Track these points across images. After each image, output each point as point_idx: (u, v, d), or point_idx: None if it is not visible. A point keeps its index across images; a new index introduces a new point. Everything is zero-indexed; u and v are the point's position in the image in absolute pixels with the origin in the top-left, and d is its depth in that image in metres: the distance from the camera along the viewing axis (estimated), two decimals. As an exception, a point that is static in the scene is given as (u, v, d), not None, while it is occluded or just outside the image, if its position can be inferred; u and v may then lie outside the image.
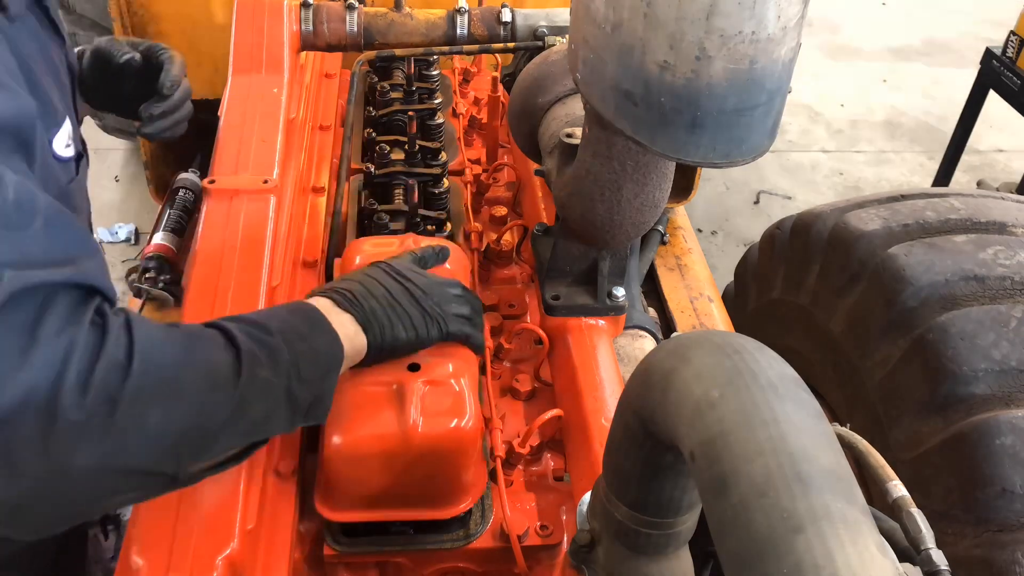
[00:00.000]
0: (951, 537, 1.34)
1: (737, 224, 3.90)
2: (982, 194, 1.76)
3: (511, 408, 1.38)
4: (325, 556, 1.15)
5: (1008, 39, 3.13)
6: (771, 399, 0.67)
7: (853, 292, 1.66)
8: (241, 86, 1.54)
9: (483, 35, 1.83)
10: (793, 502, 0.60)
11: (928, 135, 4.60)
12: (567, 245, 1.40)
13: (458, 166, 1.88)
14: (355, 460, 1.07)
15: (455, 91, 2.17)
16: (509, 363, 1.46)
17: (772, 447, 0.63)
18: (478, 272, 1.59)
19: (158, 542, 0.96)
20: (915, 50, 5.43)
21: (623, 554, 0.95)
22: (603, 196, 1.22)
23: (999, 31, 3.38)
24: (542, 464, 1.33)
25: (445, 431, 1.07)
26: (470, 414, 1.09)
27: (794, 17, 0.90)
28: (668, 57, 0.90)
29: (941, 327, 1.46)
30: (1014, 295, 1.48)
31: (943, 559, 0.80)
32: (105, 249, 3.42)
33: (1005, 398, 1.38)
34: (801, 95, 4.82)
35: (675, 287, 2.46)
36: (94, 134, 3.56)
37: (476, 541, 1.17)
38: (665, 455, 0.82)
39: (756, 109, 0.95)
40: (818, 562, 0.56)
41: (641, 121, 0.97)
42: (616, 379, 1.32)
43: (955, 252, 1.55)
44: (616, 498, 0.91)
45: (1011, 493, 1.30)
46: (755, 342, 0.75)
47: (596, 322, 1.42)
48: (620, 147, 1.15)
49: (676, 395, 0.73)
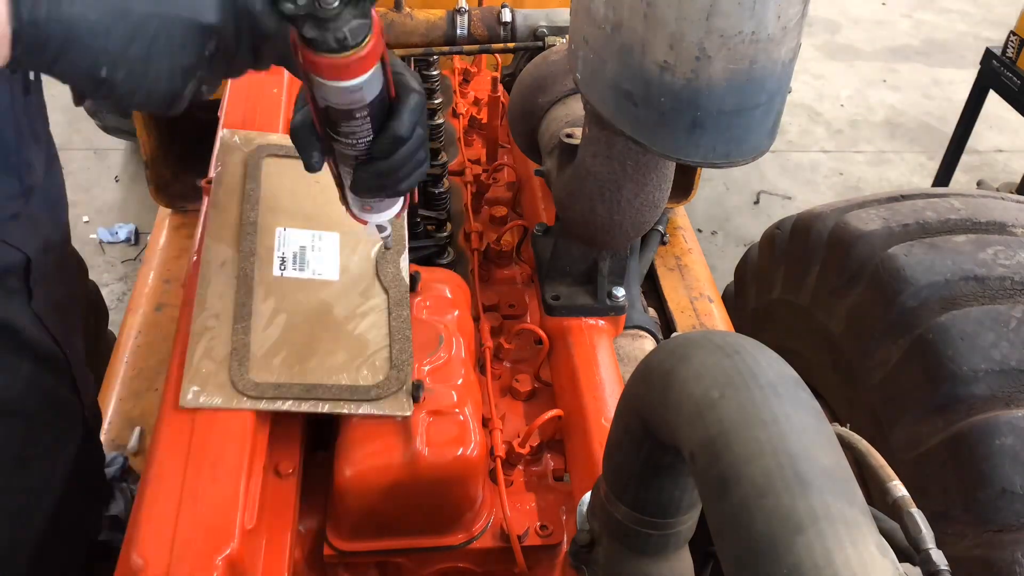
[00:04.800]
0: (951, 537, 1.34)
1: (737, 224, 3.90)
2: (982, 194, 1.75)
3: (511, 408, 1.38)
4: (325, 556, 1.15)
5: (1008, 39, 3.13)
6: (771, 399, 0.67)
7: (853, 292, 1.66)
8: (241, 86, 1.54)
9: (483, 35, 1.83)
10: (793, 502, 0.60)
11: (928, 135, 4.60)
12: (567, 245, 1.40)
13: (458, 166, 1.88)
14: (366, 491, 1.10)
15: (455, 91, 2.17)
16: (509, 363, 1.46)
17: (772, 447, 0.63)
18: (478, 272, 1.59)
19: (158, 542, 0.96)
20: (915, 50, 5.42)
21: (623, 554, 0.95)
22: (603, 196, 1.22)
23: (999, 31, 3.38)
24: (542, 464, 1.33)
25: (451, 459, 1.10)
26: (475, 442, 1.12)
27: (794, 17, 0.90)
28: (668, 57, 0.90)
29: (941, 327, 1.45)
30: (1014, 295, 1.47)
31: (943, 559, 0.80)
32: (105, 249, 3.42)
33: (1005, 398, 1.38)
34: (801, 95, 4.82)
35: (675, 287, 2.47)
36: (94, 134, 3.59)
37: (476, 541, 1.17)
38: (665, 455, 0.82)
39: (756, 109, 0.95)
40: (818, 562, 0.56)
41: (641, 121, 0.97)
42: (616, 379, 1.32)
43: (955, 252, 1.55)
44: (616, 498, 0.91)
45: (1011, 493, 1.30)
46: (755, 342, 0.75)
47: (596, 322, 1.42)
48: (620, 147, 1.15)
49: (676, 395, 0.73)
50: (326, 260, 1.22)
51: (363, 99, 0.84)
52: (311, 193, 1.28)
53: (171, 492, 0.99)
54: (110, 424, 2.00)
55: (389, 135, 0.88)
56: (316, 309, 1.17)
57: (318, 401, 1.09)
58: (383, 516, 1.13)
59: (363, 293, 1.20)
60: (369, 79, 0.82)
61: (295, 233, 1.23)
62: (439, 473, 1.10)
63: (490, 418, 1.28)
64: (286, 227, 1.23)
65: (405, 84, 0.89)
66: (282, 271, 1.19)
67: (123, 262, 3.41)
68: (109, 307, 2.30)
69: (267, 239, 1.21)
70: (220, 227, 1.21)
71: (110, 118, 3.22)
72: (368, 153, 0.90)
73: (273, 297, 1.16)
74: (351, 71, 0.80)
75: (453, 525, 1.17)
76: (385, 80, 0.86)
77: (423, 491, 1.11)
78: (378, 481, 1.09)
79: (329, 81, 0.80)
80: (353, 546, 1.15)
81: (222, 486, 1.01)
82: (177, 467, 1.01)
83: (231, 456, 1.03)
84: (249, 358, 1.09)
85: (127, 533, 0.98)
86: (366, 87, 0.83)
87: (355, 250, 1.24)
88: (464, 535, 1.17)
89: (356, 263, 1.23)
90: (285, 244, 1.21)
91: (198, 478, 1.00)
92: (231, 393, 1.07)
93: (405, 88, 0.89)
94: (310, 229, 1.24)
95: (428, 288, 1.31)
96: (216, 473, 1.01)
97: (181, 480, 1.00)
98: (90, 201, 3.66)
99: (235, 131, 1.34)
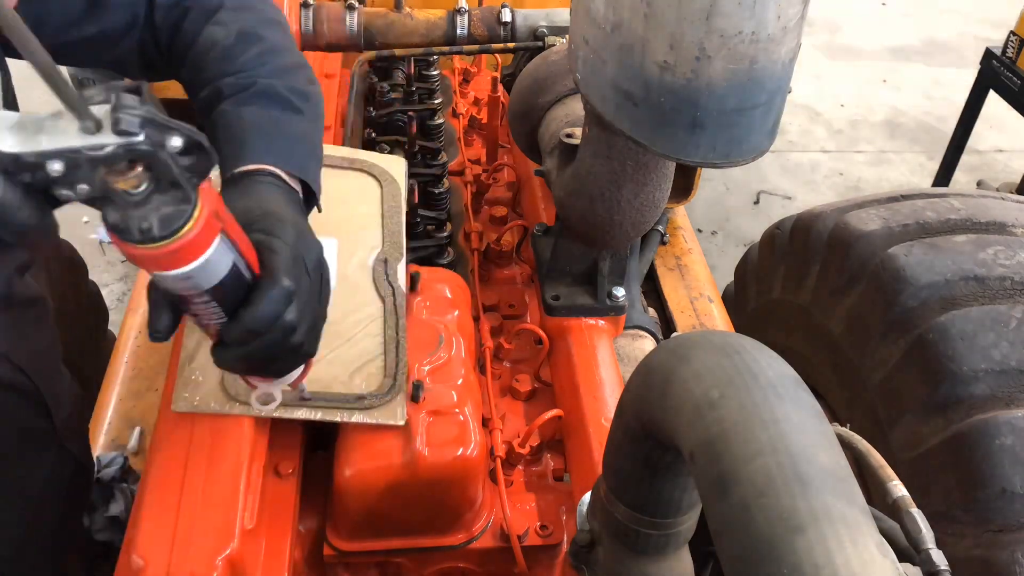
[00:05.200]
0: (951, 537, 1.34)
1: (737, 224, 3.90)
2: (982, 194, 1.75)
3: (511, 408, 1.38)
4: (325, 556, 1.15)
5: (1008, 39, 3.13)
6: (771, 399, 0.67)
7: (853, 292, 1.66)
8: (241, 86, 1.54)
9: (483, 35, 1.83)
10: (793, 502, 0.60)
11: (928, 135, 4.60)
12: (567, 245, 1.40)
13: (458, 166, 1.88)
14: (366, 491, 1.10)
15: (455, 91, 2.17)
16: (509, 363, 1.46)
17: (772, 447, 0.63)
18: (478, 272, 1.59)
19: (158, 542, 0.96)
20: (915, 50, 5.42)
21: (623, 554, 0.95)
22: (603, 196, 1.22)
23: (999, 31, 3.38)
24: (542, 464, 1.33)
25: (451, 459, 1.10)
26: (475, 442, 1.12)
27: (794, 17, 0.90)
28: (668, 57, 0.90)
29: (941, 327, 1.45)
30: (1014, 295, 1.47)
31: (943, 559, 0.80)
32: (105, 249, 3.42)
33: (1005, 398, 1.38)
34: (801, 95, 4.82)
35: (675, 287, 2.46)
36: (94, 134, 3.58)
37: (476, 541, 1.18)
38: (665, 455, 0.81)
39: (756, 109, 0.95)
40: (818, 562, 0.56)
41: (641, 121, 0.97)
42: (616, 379, 1.32)
43: (955, 252, 1.55)
44: (616, 498, 0.91)
45: (1011, 493, 1.30)
46: (755, 342, 0.75)
47: (596, 322, 1.42)
48: (620, 147, 1.15)
49: (676, 395, 0.73)
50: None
51: (198, 286, 0.72)
52: None
53: (171, 492, 0.99)
54: (110, 424, 1.99)
55: (240, 325, 0.78)
56: None
57: (311, 408, 1.09)
58: (383, 516, 1.13)
59: (360, 300, 1.20)
60: (201, 266, 0.69)
61: None
62: (439, 473, 1.10)
63: (490, 418, 1.28)
64: None
65: (270, 266, 0.79)
66: None
67: (123, 262, 3.41)
68: (109, 307, 2.30)
69: None
70: None
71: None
72: (220, 336, 0.80)
73: None
74: (169, 262, 0.67)
75: (453, 525, 1.17)
76: (238, 257, 0.74)
77: (423, 491, 1.11)
78: (378, 481, 1.09)
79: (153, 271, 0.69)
80: (353, 546, 1.15)
81: (222, 486, 1.01)
82: (177, 467, 1.01)
83: (231, 456, 1.03)
84: None
85: (127, 533, 0.98)
86: (198, 274, 0.70)
87: (353, 257, 1.23)
88: (464, 535, 1.17)
89: (353, 270, 1.22)
90: None
91: (198, 478, 1.00)
92: (223, 399, 1.06)
93: (270, 270, 0.78)
94: None
95: (428, 288, 1.31)
96: (216, 473, 1.01)
97: (181, 480, 1.00)
98: (90, 201, 3.65)
99: None
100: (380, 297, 1.21)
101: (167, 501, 0.98)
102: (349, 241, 1.24)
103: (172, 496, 0.98)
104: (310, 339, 0.84)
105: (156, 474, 1.01)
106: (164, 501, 0.98)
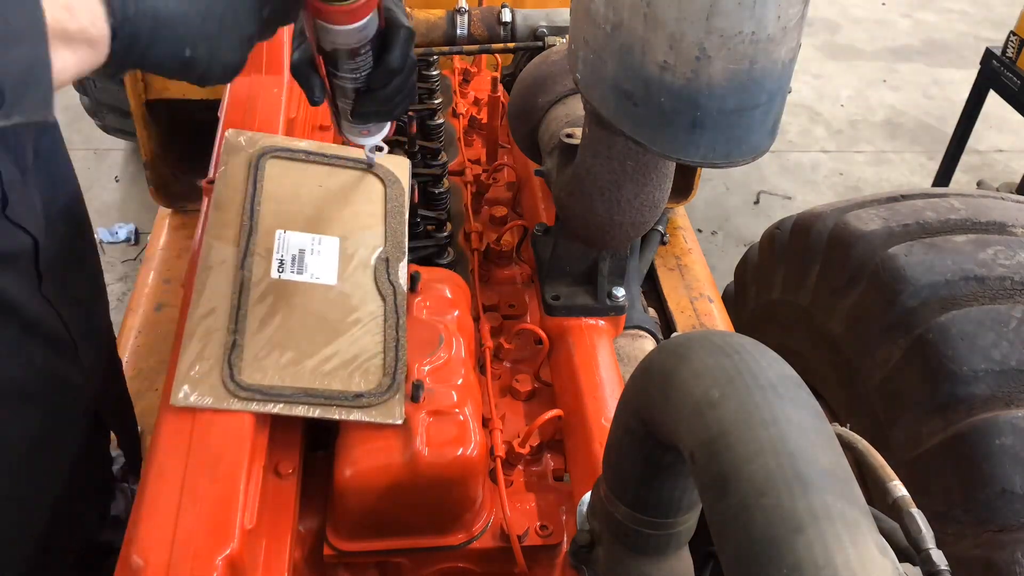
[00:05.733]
0: (951, 537, 1.34)
1: (737, 224, 3.90)
2: (982, 194, 1.76)
3: (511, 408, 1.38)
4: (325, 556, 1.15)
5: (1008, 39, 3.13)
6: (771, 399, 0.67)
7: (853, 292, 1.66)
8: (241, 86, 1.54)
9: (483, 35, 1.83)
10: (793, 502, 0.60)
11: (928, 135, 4.60)
12: (567, 245, 1.40)
13: (458, 166, 1.88)
14: (366, 491, 1.09)
15: (455, 91, 2.17)
16: (509, 363, 1.46)
17: (772, 447, 0.63)
18: (478, 272, 1.59)
19: (158, 542, 0.96)
20: (915, 50, 5.43)
21: (623, 554, 0.95)
22: (603, 196, 1.22)
23: (999, 31, 3.38)
24: (542, 464, 1.33)
25: (451, 459, 1.10)
26: (475, 442, 1.12)
27: (794, 17, 0.90)
28: (668, 57, 0.90)
29: (941, 327, 1.46)
30: (1014, 295, 1.48)
31: (943, 559, 0.80)
32: (105, 249, 3.42)
33: (1005, 398, 1.38)
34: (801, 95, 4.82)
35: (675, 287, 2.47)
36: (94, 134, 3.58)
37: (476, 541, 1.17)
38: (665, 455, 0.82)
39: (756, 109, 0.95)
40: (818, 562, 0.56)
41: (641, 121, 0.97)
42: (616, 379, 1.32)
43: (955, 252, 1.55)
44: (616, 498, 0.91)
45: (1011, 493, 1.30)
46: (755, 342, 0.75)
47: (596, 322, 1.42)
48: (620, 147, 1.15)
49: (676, 395, 0.73)
50: (325, 264, 1.21)
51: (367, 36, 0.93)
52: (313, 197, 1.27)
53: (171, 492, 0.99)
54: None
55: (386, 67, 0.98)
56: (312, 313, 1.16)
57: (309, 405, 1.09)
58: (383, 516, 1.13)
59: (360, 298, 1.20)
60: (372, 18, 0.91)
61: (295, 236, 1.23)
62: (439, 473, 1.10)
63: (490, 418, 1.28)
64: (286, 229, 1.23)
65: (394, 19, 0.97)
66: (280, 273, 1.18)
67: (123, 262, 3.41)
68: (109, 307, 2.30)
69: (267, 241, 1.21)
70: (220, 227, 1.21)
71: (110, 118, 3.22)
72: (367, 84, 0.99)
73: (269, 299, 1.16)
74: (358, 14, 0.89)
75: (453, 525, 1.17)
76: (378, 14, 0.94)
77: (423, 491, 1.11)
78: (378, 481, 1.09)
79: (338, 26, 0.89)
80: (353, 546, 1.15)
81: (222, 486, 1.01)
82: (177, 467, 1.01)
83: (231, 456, 1.03)
84: (242, 359, 1.09)
85: (127, 533, 0.98)
86: (369, 26, 0.92)
87: (354, 255, 1.23)
88: (464, 535, 1.17)
89: (354, 268, 1.22)
90: (284, 246, 1.21)
91: (198, 478, 1.00)
92: (222, 393, 1.06)
93: (395, 22, 0.97)
94: (310, 232, 1.24)
95: (428, 288, 1.31)
96: (216, 473, 1.01)
97: (181, 480, 1.00)
98: (90, 201, 3.63)
99: (240, 131, 1.34)
100: (381, 296, 1.21)
101: (167, 501, 0.98)
102: (351, 240, 1.25)
103: (172, 496, 0.98)
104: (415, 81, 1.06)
105: (156, 474, 1.01)
106: (164, 501, 0.98)
